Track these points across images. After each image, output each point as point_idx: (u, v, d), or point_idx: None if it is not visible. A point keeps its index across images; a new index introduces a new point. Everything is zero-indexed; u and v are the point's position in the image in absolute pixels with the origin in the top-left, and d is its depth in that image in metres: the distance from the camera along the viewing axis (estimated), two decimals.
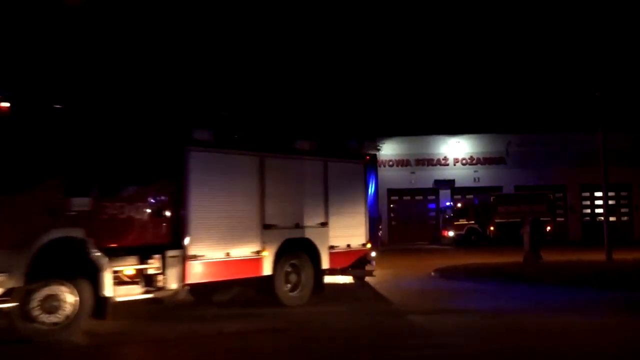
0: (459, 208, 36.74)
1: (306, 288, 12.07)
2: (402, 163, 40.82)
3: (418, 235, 39.26)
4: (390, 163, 40.72)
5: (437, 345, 8.44)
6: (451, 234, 35.74)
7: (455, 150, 40.91)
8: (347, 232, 12.78)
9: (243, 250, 11.06)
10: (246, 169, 11.29)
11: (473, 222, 35.61)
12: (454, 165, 40.82)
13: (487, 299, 13.11)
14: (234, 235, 10.92)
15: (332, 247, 12.48)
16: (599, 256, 20.51)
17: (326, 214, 12.48)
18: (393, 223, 40.77)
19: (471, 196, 38.59)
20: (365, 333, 9.42)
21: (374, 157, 15.26)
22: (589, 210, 41.08)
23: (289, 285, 11.84)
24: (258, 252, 11.25)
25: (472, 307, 11.97)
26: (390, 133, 42.05)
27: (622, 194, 40.22)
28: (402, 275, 17.61)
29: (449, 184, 40.14)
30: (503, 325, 9.81)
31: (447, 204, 38.76)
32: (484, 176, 40.56)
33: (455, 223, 35.65)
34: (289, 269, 11.87)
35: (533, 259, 19.93)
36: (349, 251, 12.89)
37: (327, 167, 12.63)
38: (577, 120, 42.88)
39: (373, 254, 17.73)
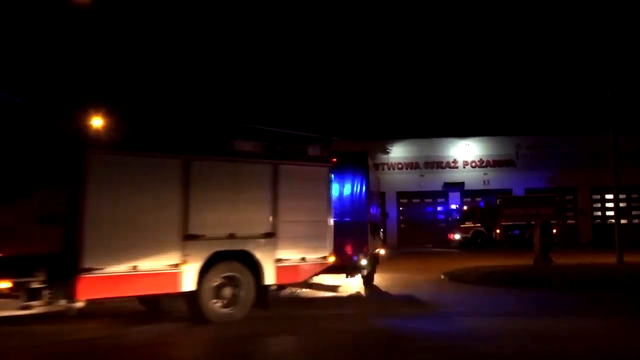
0: (465, 211, 36.58)
1: (246, 304, 10.83)
2: (411, 166, 40.74)
3: (427, 238, 39.13)
4: (400, 166, 40.64)
5: (451, 347, 8.39)
6: (457, 237, 35.59)
7: (465, 152, 40.78)
8: (302, 243, 11.47)
9: (155, 263, 9.85)
10: (165, 173, 10.17)
11: (479, 224, 35.47)
12: (464, 167, 40.69)
13: (497, 303, 13.02)
14: (145, 247, 9.76)
15: (279, 260, 11.13)
16: (610, 259, 20.38)
17: (273, 223, 11.16)
18: (402, 226, 40.67)
19: (478, 199, 38.38)
20: (378, 336, 9.38)
21: (361, 158, 14.46)
22: (599, 213, 40.84)
23: (220, 301, 10.61)
24: (176, 266, 10.04)
25: (485, 310, 11.89)
26: (400, 136, 42.02)
27: (634, 196, 39.92)
28: (411, 280, 17.52)
29: (458, 186, 40.02)
30: (514, 328, 9.75)
31: (453, 207, 38.63)
32: (494, 179, 40.41)
33: (462, 226, 35.55)
34: (222, 284, 10.63)
35: (543, 262, 19.82)
36: (303, 265, 11.49)
37: (277, 171, 11.35)
38: (587, 122, 42.69)
39: (382, 251, 17.85)
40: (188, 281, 10.16)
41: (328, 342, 9.10)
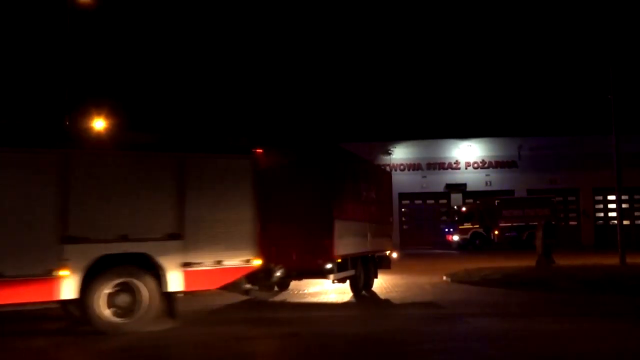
0: (463, 212, 36.43)
1: (148, 313, 9.81)
2: (413, 167, 40.75)
3: (429, 239, 39.13)
4: (402, 167, 40.65)
5: (460, 349, 8.39)
6: (456, 238, 35.43)
7: (467, 153, 40.78)
8: (218, 245, 10.27)
9: (24, 269, 8.86)
10: (34, 169, 9.18)
11: (478, 226, 35.36)
12: (466, 169, 40.69)
13: (501, 304, 13.01)
14: (8, 252, 8.80)
15: (188, 264, 10.01)
16: (613, 260, 20.37)
17: (180, 223, 10.02)
18: (404, 227, 40.67)
19: (478, 201, 38.32)
20: (380, 338, 9.38)
21: (326, 151, 13.03)
22: (602, 214, 40.81)
23: (113, 310, 9.58)
24: (50, 272, 9.01)
25: (489, 312, 11.88)
26: (402, 137, 42.08)
27: (636, 197, 39.91)
28: (414, 282, 17.51)
29: (460, 188, 40.01)
30: (517, 329, 9.75)
31: (461, 208, 38.41)
32: (496, 180, 40.40)
33: (460, 227, 35.44)
34: (115, 291, 9.60)
35: (546, 263, 19.82)
36: (219, 269, 10.28)
37: (184, 164, 10.17)
38: (589, 123, 42.68)
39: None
40: (68, 289, 9.17)
41: (332, 344, 9.09)
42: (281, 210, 12.28)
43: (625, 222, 30.64)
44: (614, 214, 36.13)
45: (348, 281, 13.79)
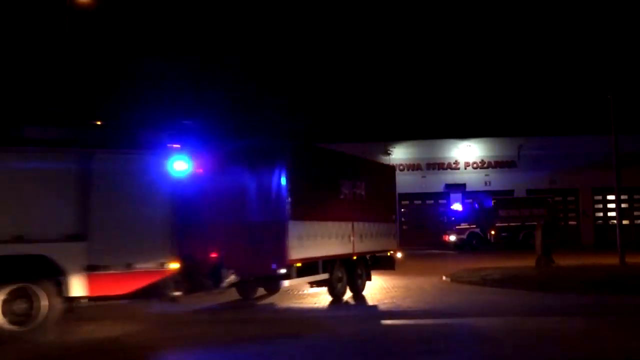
0: (460, 212, 36.19)
1: (47, 320, 9.24)
2: (412, 167, 40.74)
3: (429, 239, 39.04)
4: (401, 167, 40.60)
5: (462, 349, 8.39)
6: (453, 238, 35.14)
7: (466, 153, 40.77)
8: (128, 247, 9.65)
9: None
10: None
11: (475, 226, 35.08)
12: (465, 169, 40.68)
13: (499, 304, 13.00)
14: None
15: (93, 268, 9.37)
16: (612, 260, 20.40)
17: (84, 222, 9.41)
18: (404, 227, 40.63)
19: (474, 200, 38.05)
20: (376, 338, 9.38)
21: (277, 150, 12.18)
22: (601, 214, 40.81)
23: (9, 318, 9.04)
24: None
25: (492, 312, 11.87)
26: (401, 137, 42.06)
27: (635, 197, 39.90)
28: (413, 282, 17.48)
29: (459, 188, 39.99)
30: (514, 329, 9.75)
31: (453, 207, 38.04)
32: (495, 180, 40.39)
33: (457, 227, 35.11)
34: (10, 297, 9.05)
35: (546, 263, 19.82)
36: (129, 273, 9.62)
37: (89, 161, 9.58)
38: (589, 123, 42.68)
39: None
40: None
41: (331, 345, 9.08)
42: (234, 212, 11.78)
43: (625, 222, 30.69)
44: (613, 214, 36.09)
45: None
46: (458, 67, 70.53)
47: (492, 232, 34.52)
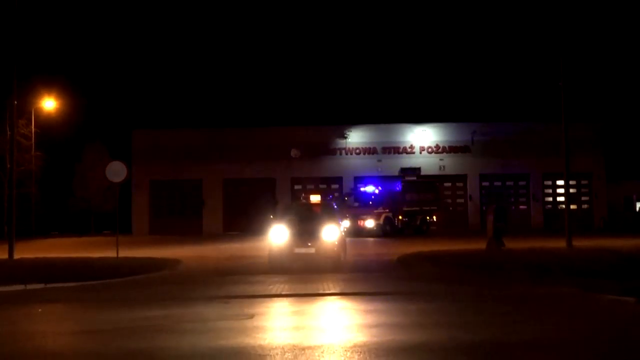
0: (376, 196, 33.66)
1: None
2: (368, 151, 41.03)
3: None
4: (357, 151, 40.90)
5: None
6: (370, 224, 32.39)
7: (422, 138, 41.23)
8: None
9: None
10: None
11: (388, 210, 33.18)
12: (420, 153, 41.17)
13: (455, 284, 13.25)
14: None
15: None
16: (560, 243, 20.96)
17: None
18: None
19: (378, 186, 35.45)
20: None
21: None
22: (550, 199, 41.93)
23: None
24: None
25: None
26: (358, 121, 42.36)
27: (583, 182, 41.12)
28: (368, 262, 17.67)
29: (414, 171, 40.47)
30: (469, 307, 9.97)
31: (362, 189, 35.04)
32: (450, 164, 41.03)
33: (375, 211, 32.65)
34: None
35: (496, 246, 20.29)
36: None
37: None
38: (541, 110, 43.66)
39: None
40: None
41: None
42: None
43: (573, 207, 31.58)
44: (562, 199, 37.13)
45: None
46: (414, 54, 71.05)
47: (400, 217, 33.60)
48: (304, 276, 14.63)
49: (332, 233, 16.59)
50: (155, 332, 8.39)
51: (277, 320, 9.58)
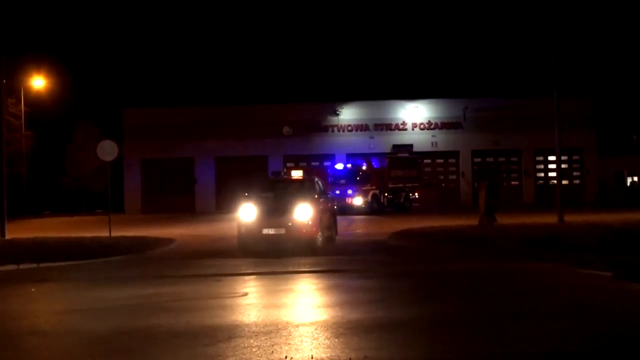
0: (364, 172, 32.67)
1: None
2: (361, 128, 40.96)
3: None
4: (349, 128, 40.82)
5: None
6: (359, 201, 31.55)
7: (414, 115, 41.15)
8: None
9: None
10: None
11: (375, 187, 32.59)
12: (412, 130, 41.12)
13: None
14: None
15: None
16: (552, 219, 21.09)
17: None
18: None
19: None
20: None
21: None
22: (542, 174, 42.07)
23: None
24: None
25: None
26: (350, 98, 42.19)
27: (575, 157, 41.26)
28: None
29: (407, 148, 40.46)
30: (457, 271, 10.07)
31: (345, 166, 33.87)
32: (442, 141, 41.03)
33: (363, 189, 31.89)
34: None
35: (488, 222, 20.39)
36: None
37: None
38: (532, 86, 43.63)
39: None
40: None
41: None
42: None
43: (564, 182, 31.72)
44: (553, 174, 37.26)
45: None
46: (406, 29, 70.64)
47: (386, 194, 33.27)
48: (269, 260, 13.79)
49: (305, 212, 14.90)
50: (150, 310, 8.46)
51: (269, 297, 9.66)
